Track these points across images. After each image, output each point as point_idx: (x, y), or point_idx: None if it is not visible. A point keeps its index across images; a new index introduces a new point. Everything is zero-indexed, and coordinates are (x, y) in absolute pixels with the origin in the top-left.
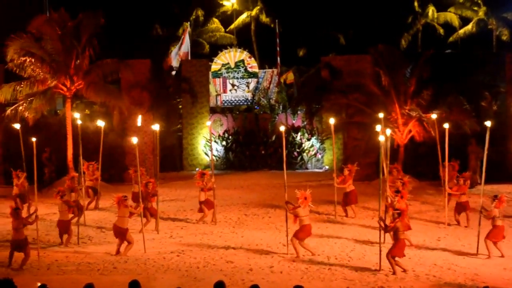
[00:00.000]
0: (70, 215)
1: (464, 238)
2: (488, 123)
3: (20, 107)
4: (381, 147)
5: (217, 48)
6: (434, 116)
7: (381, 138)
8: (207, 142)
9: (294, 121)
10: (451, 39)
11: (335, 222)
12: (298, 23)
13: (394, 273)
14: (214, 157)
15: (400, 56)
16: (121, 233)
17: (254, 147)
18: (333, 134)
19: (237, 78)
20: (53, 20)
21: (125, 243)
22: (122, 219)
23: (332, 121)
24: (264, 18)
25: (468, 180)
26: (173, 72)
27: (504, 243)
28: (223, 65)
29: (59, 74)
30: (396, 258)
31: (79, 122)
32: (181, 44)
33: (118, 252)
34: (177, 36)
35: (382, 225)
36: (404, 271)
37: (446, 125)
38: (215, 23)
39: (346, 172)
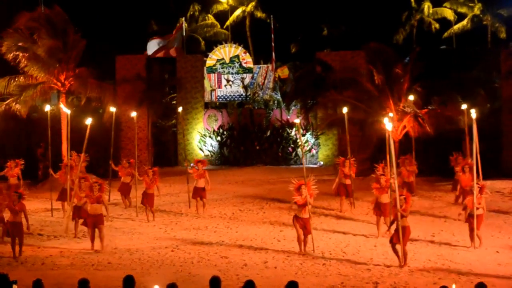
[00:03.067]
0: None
1: (458, 234)
2: (473, 113)
3: (13, 102)
4: (388, 138)
5: (212, 43)
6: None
7: (388, 126)
8: (201, 137)
9: (288, 117)
10: (446, 35)
11: (330, 216)
12: (293, 18)
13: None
14: (208, 153)
15: (393, 53)
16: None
17: (249, 142)
18: (347, 126)
19: (232, 73)
20: (45, 16)
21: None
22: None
23: (345, 110)
24: (259, 13)
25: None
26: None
27: (498, 238)
28: (218, 60)
29: (52, 69)
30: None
31: (67, 111)
32: (171, 38)
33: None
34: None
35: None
36: (401, 266)
37: (473, 114)
38: (210, 19)
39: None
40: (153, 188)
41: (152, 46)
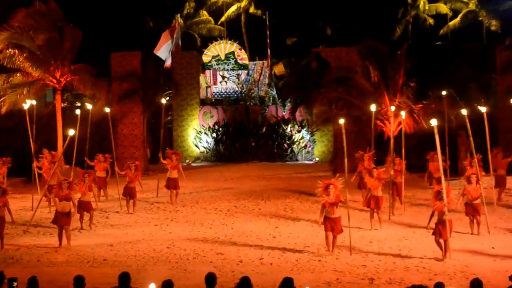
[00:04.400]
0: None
1: (454, 229)
2: (464, 112)
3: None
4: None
5: (207, 40)
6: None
7: (433, 122)
8: (197, 134)
9: (284, 113)
10: (441, 31)
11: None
12: (289, 15)
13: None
14: (204, 149)
15: (387, 49)
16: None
17: (244, 139)
18: (373, 121)
19: (228, 70)
20: (41, 12)
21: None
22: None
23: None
24: (254, 10)
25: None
26: (167, 64)
27: (494, 233)
28: (213, 57)
29: (48, 66)
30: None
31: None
32: (173, 36)
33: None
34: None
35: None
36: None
37: (483, 109)
38: (205, 16)
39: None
40: (135, 182)
41: (166, 49)
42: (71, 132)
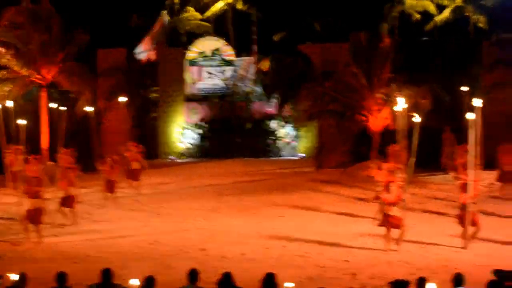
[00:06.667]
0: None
1: (437, 225)
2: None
3: None
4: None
5: (193, 36)
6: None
7: (470, 116)
8: (182, 130)
9: (269, 109)
10: (428, 27)
11: (310, 209)
12: (275, 11)
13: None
14: (189, 145)
15: (376, 43)
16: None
17: (230, 135)
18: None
19: (213, 66)
20: (28, 10)
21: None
22: None
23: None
24: (241, 5)
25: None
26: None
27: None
28: (199, 53)
29: (33, 63)
30: None
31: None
32: (154, 32)
33: None
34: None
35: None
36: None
37: (479, 102)
38: (191, 11)
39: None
40: (114, 176)
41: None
42: (22, 121)
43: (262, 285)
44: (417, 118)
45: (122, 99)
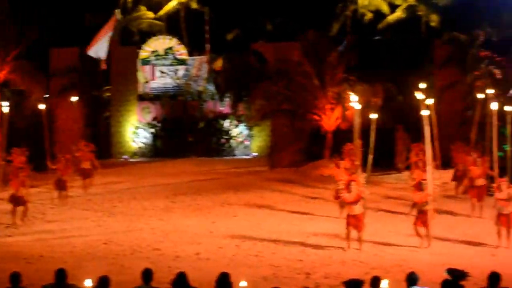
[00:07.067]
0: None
1: (390, 224)
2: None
3: None
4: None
5: (146, 35)
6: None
7: (425, 113)
8: (135, 129)
9: (222, 108)
10: (380, 25)
11: (263, 208)
12: (228, 10)
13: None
14: (142, 144)
15: (327, 43)
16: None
17: (182, 134)
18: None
19: (166, 65)
20: None
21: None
22: None
23: None
24: (194, 4)
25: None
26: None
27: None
28: (152, 52)
29: None
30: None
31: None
32: (106, 31)
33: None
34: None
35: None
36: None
37: (431, 101)
38: (143, 10)
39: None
40: (66, 175)
41: (101, 44)
42: None
43: (216, 285)
44: (373, 116)
45: (74, 98)
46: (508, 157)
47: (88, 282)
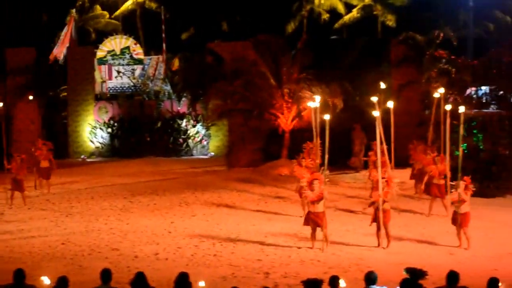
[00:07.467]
0: None
1: (348, 223)
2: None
3: None
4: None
5: (103, 35)
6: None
7: (376, 113)
8: (92, 129)
9: (179, 108)
10: (336, 25)
11: (222, 207)
12: (184, 9)
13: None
14: (99, 144)
15: (283, 43)
16: None
17: (140, 134)
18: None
19: (123, 65)
20: None
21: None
22: None
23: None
24: (150, 4)
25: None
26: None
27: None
28: (108, 52)
29: None
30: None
31: None
32: (67, 32)
33: None
34: (64, 23)
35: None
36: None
37: (390, 102)
38: (99, 10)
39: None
40: (22, 174)
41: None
42: None
43: (175, 285)
44: (326, 116)
45: (31, 98)
46: (460, 158)
47: (46, 279)
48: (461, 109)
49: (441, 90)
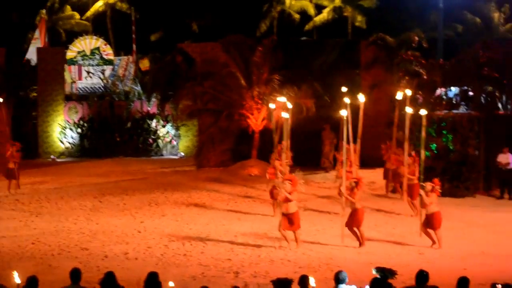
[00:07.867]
0: None
1: (318, 223)
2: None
3: None
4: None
5: (73, 35)
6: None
7: (344, 113)
8: (62, 129)
9: (149, 108)
10: (307, 27)
11: (191, 207)
12: (154, 10)
13: (361, 244)
14: (69, 145)
15: (251, 44)
16: None
17: (109, 134)
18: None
19: (93, 65)
20: None
21: None
22: None
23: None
24: (120, 4)
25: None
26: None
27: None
28: (78, 52)
29: None
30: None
31: None
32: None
33: None
34: (34, 23)
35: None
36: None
37: (361, 98)
38: (69, 10)
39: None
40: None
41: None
42: None
43: (144, 285)
44: (285, 115)
45: (0, 100)
46: (422, 160)
47: (16, 277)
48: (422, 112)
49: (408, 91)
